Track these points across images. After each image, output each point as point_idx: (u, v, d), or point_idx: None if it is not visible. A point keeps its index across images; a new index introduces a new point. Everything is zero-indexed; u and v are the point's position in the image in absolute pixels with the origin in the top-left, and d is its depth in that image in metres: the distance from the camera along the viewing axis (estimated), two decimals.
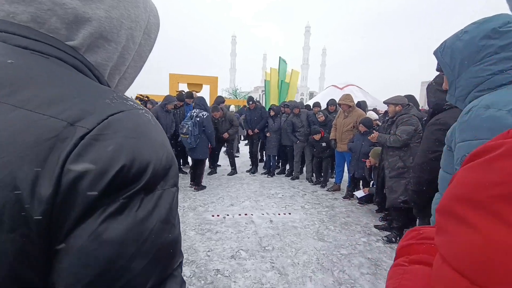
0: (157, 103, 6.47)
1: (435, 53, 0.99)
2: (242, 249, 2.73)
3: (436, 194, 1.07)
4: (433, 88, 1.61)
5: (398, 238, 2.98)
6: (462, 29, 0.91)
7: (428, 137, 1.48)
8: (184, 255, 1.75)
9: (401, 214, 3.01)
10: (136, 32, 0.44)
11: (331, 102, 5.63)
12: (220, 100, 6.09)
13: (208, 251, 2.68)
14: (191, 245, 2.77)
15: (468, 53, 0.86)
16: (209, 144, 4.70)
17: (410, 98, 3.59)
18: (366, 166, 3.87)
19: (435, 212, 0.97)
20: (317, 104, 5.63)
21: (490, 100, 0.79)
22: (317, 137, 4.93)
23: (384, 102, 3.26)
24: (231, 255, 2.61)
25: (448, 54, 0.92)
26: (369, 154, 3.73)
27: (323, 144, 4.91)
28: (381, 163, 3.37)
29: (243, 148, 9.69)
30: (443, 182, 0.99)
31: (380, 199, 3.41)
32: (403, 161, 3.01)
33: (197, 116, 4.43)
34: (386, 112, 4.35)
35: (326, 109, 5.66)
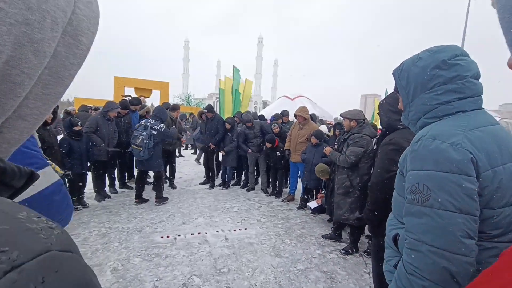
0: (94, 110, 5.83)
1: (394, 73, 1.01)
2: (195, 275, 2.50)
3: (390, 214, 1.08)
4: (385, 108, 1.68)
5: (353, 250, 3.10)
6: (418, 55, 0.94)
7: (382, 157, 1.53)
8: None
9: (355, 228, 3.13)
10: (36, 33, 0.24)
11: (285, 113, 5.77)
12: (175, 107, 5.70)
13: (156, 280, 2.38)
14: (136, 275, 2.44)
15: (421, 80, 0.90)
16: None
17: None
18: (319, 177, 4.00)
19: (388, 232, 0.91)
20: (278, 116, 5.73)
21: (436, 131, 0.83)
22: (268, 145, 4.98)
23: (341, 115, 3.31)
24: (182, 283, 2.36)
25: (405, 77, 0.95)
26: (315, 171, 3.84)
27: (277, 153, 4.96)
28: (332, 175, 3.50)
29: (190, 157, 9.29)
30: (396, 203, 1.01)
31: (330, 211, 3.53)
32: (350, 180, 3.09)
33: (152, 128, 4.07)
34: (338, 123, 4.58)
35: (281, 119, 5.77)
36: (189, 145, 11.17)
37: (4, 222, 0.19)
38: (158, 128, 4.09)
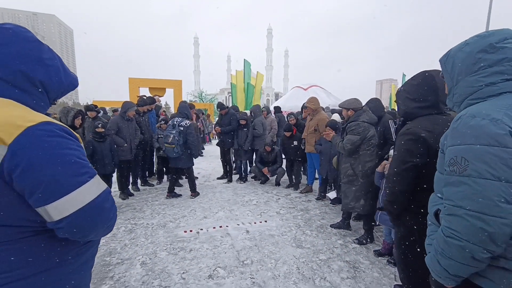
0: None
1: (440, 61, 1.06)
2: (219, 267, 2.57)
3: (432, 194, 1.09)
4: (403, 96, 1.63)
5: (368, 240, 3.06)
6: (465, 41, 0.97)
7: (399, 147, 1.49)
8: (157, 281, 1.55)
9: (368, 218, 3.08)
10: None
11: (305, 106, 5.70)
12: (190, 106, 5.80)
13: (183, 273, 2.48)
14: (164, 268, 2.54)
15: (467, 64, 0.93)
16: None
17: (375, 101, 3.71)
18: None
19: (430, 209, 0.96)
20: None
21: (477, 109, 0.85)
22: (287, 134, 5.02)
23: (339, 106, 3.33)
24: (208, 275, 2.44)
25: (450, 63, 0.99)
26: (333, 162, 3.78)
27: (294, 142, 4.96)
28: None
29: (206, 153, 9.42)
30: (437, 181, 1.04)
31: None
32: (353, 168, 3.07)
33: (179, 125, 4.32)
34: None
35: (301, 112, 5.73)
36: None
37: None
38: (184, 124, 4.32)
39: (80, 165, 0.71)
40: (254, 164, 5.65)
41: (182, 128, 4.29)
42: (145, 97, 5.61)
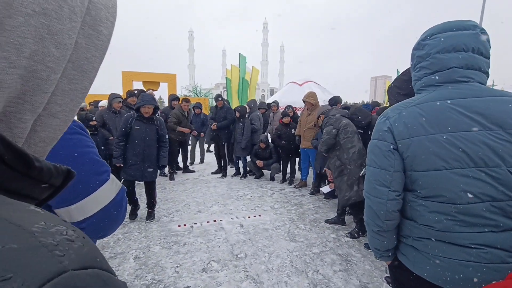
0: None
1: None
2: (213, 260, 2.58)
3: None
4: (394, 92, 1.63)
5: (360, 233, 3.10)
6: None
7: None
8: (150, 274, 1.54)
9: (357, 209, 3.12)
10: (55, 24, 0.23)
11: (338, 100, 5.57)
12: (185, 100, 5.66)
13: (177, 266, 2.48)
14: (157, 262, 2.54)
15: (412, 60, 1.02)
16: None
17: (359, 110, 3.54)
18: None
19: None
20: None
21: (390, 109, 0.98)
22: (286, 120, 5.04)
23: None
24: (202, 269, 2.45)
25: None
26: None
27: (292, 130, 4.97)
28: None
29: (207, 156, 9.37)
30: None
31: None
32: (340, 159, 3.16)
33: None
34: (346, 107, 4.46)
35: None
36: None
37: (13, 239, 0.15)
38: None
39: (100, 163, 0.69)
40: (249, 159, 5.65)
41: None
42: (138, 90, 5.50)
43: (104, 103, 5.48)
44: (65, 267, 0.16)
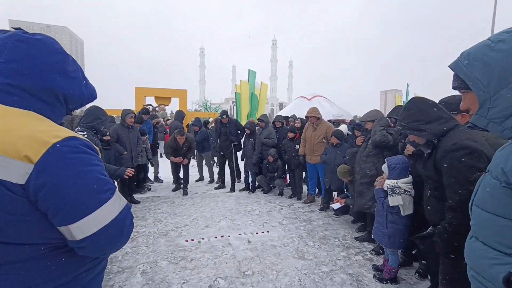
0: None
1: (456, 67, 0.83)
2: (220, 277, 2.54)
3: (472, 240, 0.89)
4: (415, 126, 1.57)
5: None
6: (491, 39, 0.77)
7: (456, 167, 1.33)
8: None
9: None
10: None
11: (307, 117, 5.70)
12: (181, 115, 5.83)
13: (183, 282, 2.45)
14: (164, 277, 2.52)
15: (510, 65, 0.71)
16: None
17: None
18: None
19: (488, 269, 0.80)
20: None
21: None
22: (290, 135, 5.00)
23: (361, 121, 3.40)
24: (208, 286, 2.41)
25: (479, 67, 0.76)
26: (338, 172, 3.75)
27: (296, 146, 4.93)
28: (353, 176, 3.43)
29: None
30: (495, 228, 0.78)
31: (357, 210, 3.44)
32: (376, 168, 3.04)
33: None
34: (356, 124, 4.42)
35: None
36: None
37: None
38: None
39: (103, 182, 0.70)
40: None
41: None
42: (151, 106, 5.69)
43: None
44: None
